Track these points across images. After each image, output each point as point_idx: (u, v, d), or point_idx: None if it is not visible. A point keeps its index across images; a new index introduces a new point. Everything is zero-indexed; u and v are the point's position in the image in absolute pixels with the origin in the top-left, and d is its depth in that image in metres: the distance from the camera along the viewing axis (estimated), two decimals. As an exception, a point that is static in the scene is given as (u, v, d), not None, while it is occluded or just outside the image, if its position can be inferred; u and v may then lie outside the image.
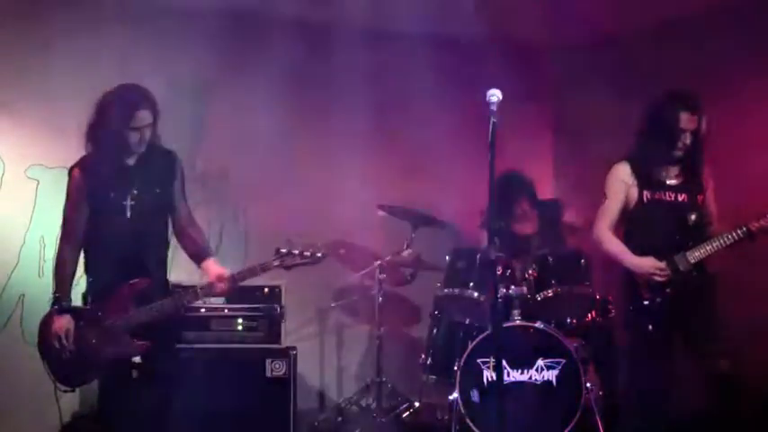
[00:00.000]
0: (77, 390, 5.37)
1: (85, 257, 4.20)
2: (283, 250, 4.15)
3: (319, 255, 4.16)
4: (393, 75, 6.63)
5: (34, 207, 5.69)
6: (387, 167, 6.61)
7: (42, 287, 5.57)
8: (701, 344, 4.45)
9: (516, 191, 5.80)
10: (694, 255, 4.46)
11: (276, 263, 4.17)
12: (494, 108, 3.46)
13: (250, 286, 5.01)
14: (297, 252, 4.15)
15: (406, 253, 5.81)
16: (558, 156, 7.04)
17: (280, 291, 5.33)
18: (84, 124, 4.15)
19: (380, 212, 5.83)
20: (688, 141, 4.48)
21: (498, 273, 5.11)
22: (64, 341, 4.02)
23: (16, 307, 5.62)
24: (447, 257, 5.43)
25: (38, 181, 5.70)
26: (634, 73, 6.32)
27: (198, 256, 4.28)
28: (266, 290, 5.34)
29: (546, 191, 6.64)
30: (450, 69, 6.71)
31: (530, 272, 5.21)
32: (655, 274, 4.44)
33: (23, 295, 5.63)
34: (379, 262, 5.79)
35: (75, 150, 4.18)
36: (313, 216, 6.29)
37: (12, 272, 5.64)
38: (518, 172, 5.92)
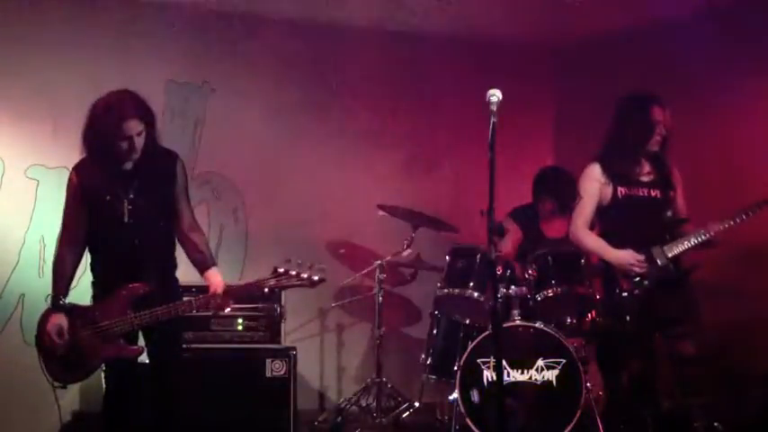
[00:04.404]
0: (78, 389, 5.46)
1: (91, 260, 4.20)
2: (280, 270, 4.10)
3: (316, 278, 4.10)
4: (393, 74, 6.63)
5: (34, 207, 5.68)
6: (387, 167, 6.61)
7: (42, 287, 5.55)
8: (675, 336, 4.58)
9: (542, 188, 5.79)
10: (672, 249, 4.58)
11: (272, 282, 4.12)
12: (494, 108, 3.45)
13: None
14: (294, 273, 4.09)
15: (405, 253, 5.80)
16: (558, 155, 7.03)
17: (280, 291, 5.33)
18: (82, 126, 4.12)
19: (380, 212, 5.82)
20: (663, 134, 4.61)
21: (498, 273, 5.11)
22: (56, 338, 4.02)
23: (16, 307, 5.61)
24: (447, 257, 5.42)
25: (38, 181, 5.69)
26: (634, 73, 6.32)
27: (200, 263, 4.22)
28: (266, 290, 5.33)
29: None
30: (450, 69, 6.71)
31: (530, 272, 5.20)
32: (633, 266, 4.56)
33: (23, 295, 5.62)
34: (379, 262, 5.79)
35: (75, 150, 4.16)
36: (313, 216, 6.30)
37: (12, 272, 5.64)
38: (556, 168, 5.93)
